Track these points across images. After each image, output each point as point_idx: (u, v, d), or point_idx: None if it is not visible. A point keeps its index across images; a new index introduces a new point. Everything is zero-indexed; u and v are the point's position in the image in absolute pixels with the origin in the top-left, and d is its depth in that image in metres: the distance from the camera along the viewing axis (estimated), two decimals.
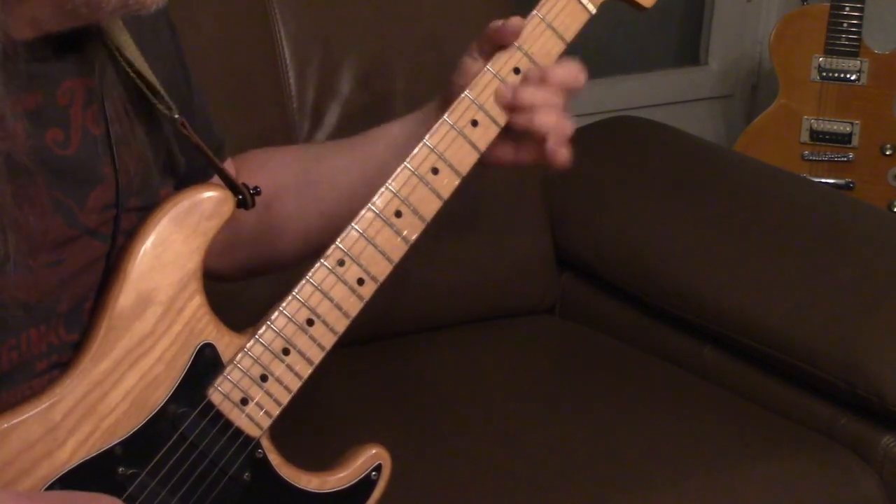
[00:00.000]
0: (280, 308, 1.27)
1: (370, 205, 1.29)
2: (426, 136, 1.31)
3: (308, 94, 2.08)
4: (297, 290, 1.27)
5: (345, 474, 1.32)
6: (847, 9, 2.91)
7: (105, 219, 1.25)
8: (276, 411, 1.27)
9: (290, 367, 1.27)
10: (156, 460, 1.23)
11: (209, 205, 1.26)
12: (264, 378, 1.26)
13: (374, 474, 1.33)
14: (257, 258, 1.49)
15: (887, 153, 2.96)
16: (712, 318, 2.08)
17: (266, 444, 1.28)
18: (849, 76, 2.95)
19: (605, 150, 2.37)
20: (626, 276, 2.22)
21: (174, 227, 1.24)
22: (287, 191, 1.47)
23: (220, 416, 1.25)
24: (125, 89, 1.27)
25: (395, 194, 1.30)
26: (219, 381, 1.25)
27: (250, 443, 1.27)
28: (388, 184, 1.30)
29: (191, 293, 1.24)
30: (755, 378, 2.04)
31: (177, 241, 1.24)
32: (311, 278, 1.27)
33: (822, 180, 2.96)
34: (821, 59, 2.95)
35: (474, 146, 1.33)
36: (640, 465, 1.81)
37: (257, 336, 1.26)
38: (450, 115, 1.32)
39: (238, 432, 1.26)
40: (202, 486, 1.25)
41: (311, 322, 1.27)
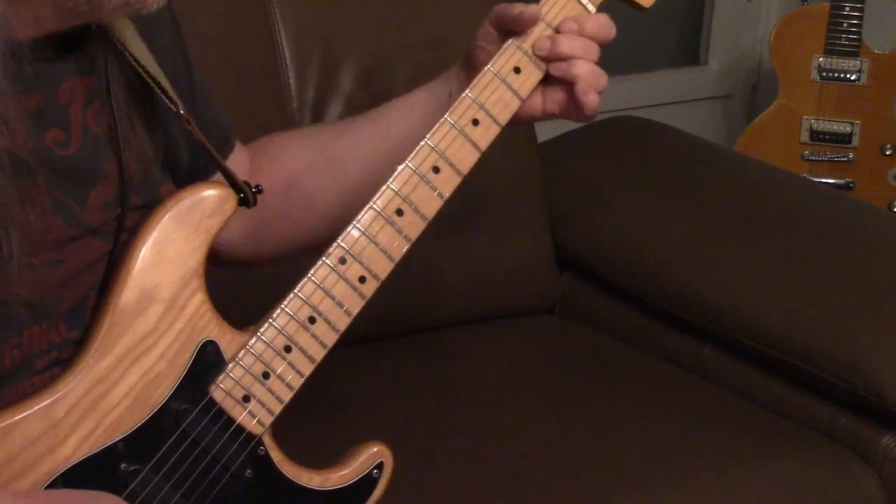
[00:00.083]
0: (282, 306, 1.27)
1: (371, 203, 1.29)
2: (427, 136, 1.31)
3: (308, 93, 2.08)
4: (298, 288, 1.27)
5: (346, 472, 1.32)
6: (847, 9, 2.91)
7: (107, 218, 1.25)
8: (278, 409, 1.27)
9: (291, 364, 1.27)
10: (158, 457, 1.23)
11: (211, 203, 1.26)
12: (266, 375, 1.26)
13: (375, 472, 1.33)
14: (286, 240, 1.48)
15: (887, 153, 2.96)
16: (712, 318, 2.08)
17: (268, 441, 1.28)
18: (849, 76, 2.95)
19: (605, 150, 2.38)
20: (626, 276, 2.22)
21: (176, 224, 1.24)
22: (309, 170, 1.47)
23: (222, 413, 1.25)
24: (128, 85, 1.27)
25: (396, 193, 1.30)
26: (221, 378, 1.25)
27: (252, 440, 1.27)
28: (389, 182, 1.30)
29: (193, 290, 1.24)
30: (755, 378, 2.04)
31: (179, 239, 1.24)
32: (312, 276, 1.27)
33: (822, 180, 2.96)
34: (821, 59, 2.95)
35: (475, 145, 1.33)
36: (640, 465, 1.81)
37: (259, 333, 1.26)
38: (451, 115, 1.32)
39: (240, 429, 1.26)
40: (204, 482, 1.25)
41: (312, 320, 1.27)
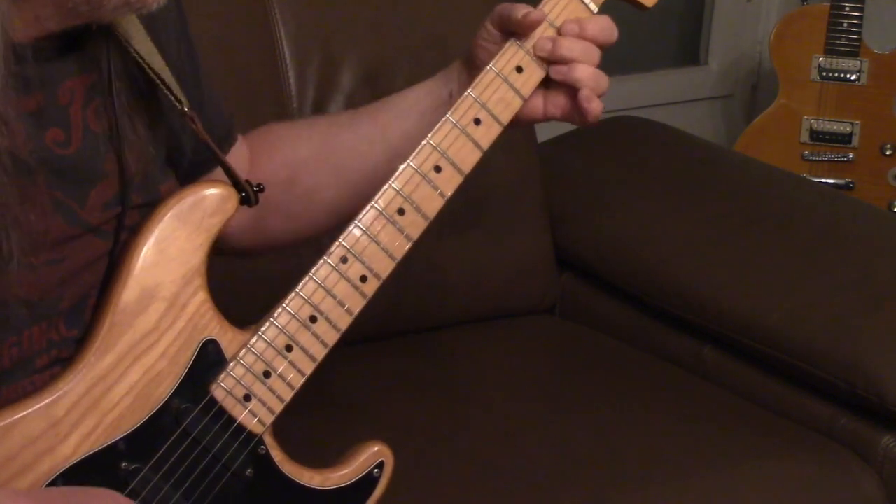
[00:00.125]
0: (283, 305, 1.27)
1: (373, 202, 1.29)
2: (429, 135, 1.31)
3: (308, 93, 2.08)
4: (300, 287, 1.27)
5: (347, 471, 1.32)
6: (847, 9, 2.91)
7: (107, 217, 1.25)
8: (279, 408, 1.27)
9: (293, 363, 1.27)
10: (158, 456, 1.23)
11: (212, 201, 1.26)
12: (267, 374, 1.26)
13: (376, 471, 1.33)
14: (286, 232, 1.48)
15: (887, 153, 2.96)
16: (712, 318, 2.08)
17: (268, 440, 1.28)
18: (849, 76, 2.95)
19: (605, 150, 2.38)
20: (626, 276, 2.22)
21: (177, 223, 1.24)
22: (308, 164, 1.47)
23: (222, 412, 1.25)
24: (131, 82, 1.27)
25: (398, 192, 1.30)
26: (222, 377, 1.25)
27: (253, 439, 1.27)
28: (391, 182, 1.30)
29: (194, 289, 1.24)
30: (755, 378, 2.04)
31: (180, 238, 1.24)
32: (314, 275, 1.27)
33: (822, 180, 2.96)
34: (821, 59, 2.95)
35: (477, 144, 1.33)
36: (640, 464, 1.81)
37: (260, 332, 1.26)
38: (452, 114, 1.32)
39: (241, 428, 1.26)
40: (205, 481, 1.25)
41: (314, 319, 1.27)
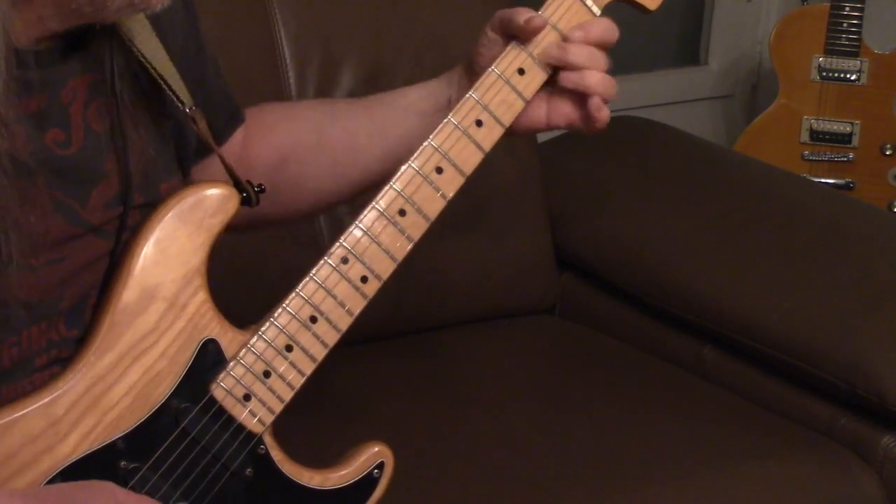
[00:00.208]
0: (284, 305, 1.27)
1: (374, 203, 1.29)
2: (431, 136, 1.31)
3: (308, 94, 2.08)
4: (300, 288, 1.27)
5: (347, 472, 1.32)
6: (847, 9, 2.91)
7: (109, 216, 1.25)
8: (279, 408, 1.27)
9: (293, 363, 1.27)
10: (158, 455, 1.23)
11: (213, 201, 1.26)
12: (267, 374, 1.26)
13: (376, 472, 1.33)
14: (268, 212, 1.46)
15: (887, 153, 2.96)
16: (712, 318, 2.08)
17: (268, 440, 1.28)
18: (849, 76, 2.95)
19: (605, 150, 2.37)
20: (626, 276, 2.22)
21: (178, 223, 1.24)
22: (301, 151, 1.47)
23: (222, 411, 1.25)
24: (133, 81, 1.26)
25: (399, 193, 1.30)
26: (222, 376, 1.25)
27: (252, 439, 1.26)
28: (392, 182, 1.30)
29: (194, 289, 1.24)
30: (755, 378, 2.04)
31: (181, 238, 1.24)
32: (314, 275, 1.27)
33: (822, 180, 2.96)
34: (821, 59, 2.95)
35: (479, 146, 1.33)
36: (640, 464, 1.81)
37: (260, 332, 1.26)
38: (454, 115, 1.32)
39: (240, 428, 1.26)
40: (204, 481, 1.25)
41: (314, 319, 1.27)
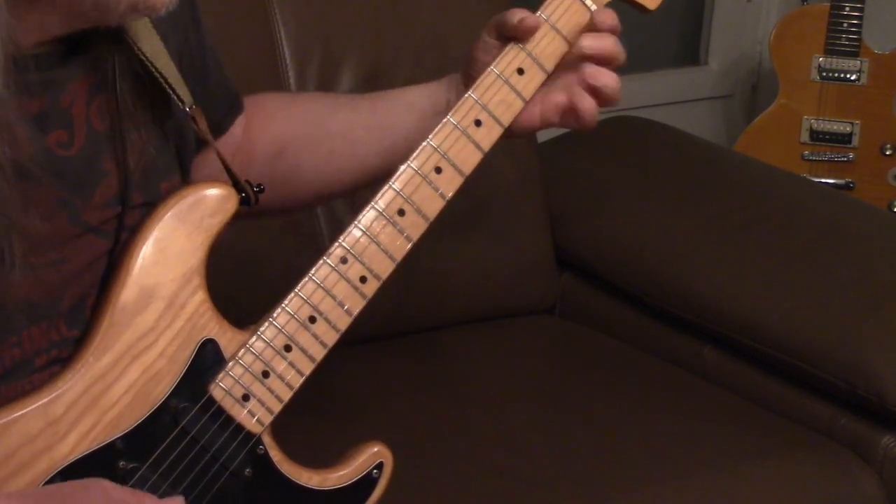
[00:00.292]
0: (283, 305, 1.26)
1: (373, 203, 1.29)
2: (430, 136, 1.31)
3: None
4: (299, 288, 1.27)
5: (346, 472, 1.32)
6: (847, 9, 2.91)
7: (108, 216, 1.25)
8: (278, 408, 1.27)
9: (292, 363, 1.27)
10: (157, 455, 1.23)
11: (212, 201, 1.26)
12: (266, 374, 1.26)
13: (375, 472, 1.33)
14: (270, 201, 1.46)
15: (887, 153, 2.96)
16: (712, 318, 2.08)
17: (267, 440, 1.28)
18: (849, 76, 2.95)
19: (605, 150, 2.37)
20: (626, 276, 2.22)
21: (177, 223, 1.24)
22: (300, 142, 1.47)
23: (221, 411, 1.25)
24: (134, 80, 1.26)
25: (398, 193, 1.30)
26: (220, 376, 1.25)
27: (251, 439, 1.26)
28: (391, 182, 1.30)
29: (193, 289, 1.24)
30: (755, 378, 2.04)
31: (180, 238, 1.24)
32: (313, 275, 1.27)
33: (822, 180, 2.96)
34: (821, 59, 2.94)
35: (478, 146, 1.33)
36: (640, 464, 1.81)
37: (259, 332, 1.26)
38: (454, 115, 1.32)
39: (239, 428, 1.26)
40: (203, 481, 1.25)
41: (313, 319, 1.27)
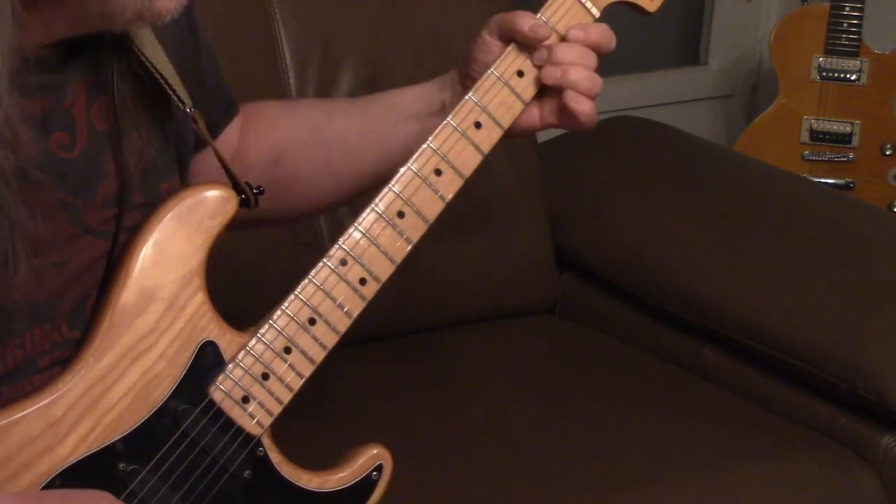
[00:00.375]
0: (282, 307, 1.27)
1: (373, 205, 1.29)
2: (430, 138, 1.31)
3: (308, 94, 2.08)
4: (299, 290, 1.27)
5: (345, 474, 1.32)
6: (847, 9, 2.90)
7: (107, 216, 1.25)
8: (278, 410, 1.27)
9: (291, 365, 1.27)
10: (157, 457, 1.23)
11: (212, 203, 1.26)
12: (266, 376, 1.26)
13: (374, 474, 1.33)
14: (264, 211, 1.46)
15: (887, 153, 2.95)
16: (712, 318, 2.08)
17: (267, 442, 1.28)
18: (849, 76, 2.95)
19: (605, 150, 2.38)
20: (626, 276, 2.22)
21: (177, 224, 1.24)
22: (297, 148, 1.47)
23: (221, 413, 1.25)
24: (135, 82, 1.26)
25: (398, 195, 1.30)
26: (220, 378, 1.25)
27: (251, 441, 1.26)
28: (391, 184, 1.30)
29: (193, 290, 1.24)
30: (755, 378, 2.04)
31: (180, 239, 1.24)
32: (313, 278, 1.27)
33: (822, 180, 2.96)
34: (821, 59, 2.94)
35: (477, 148, 1.33)
36: (640, 464, 1.81)
37: (259, 334, 1.26)
38: (453, 117, 1.32)
39: (239, 430, 1.26)
40: (203, 483, 1.25)
41: (313, 321, 1.27)
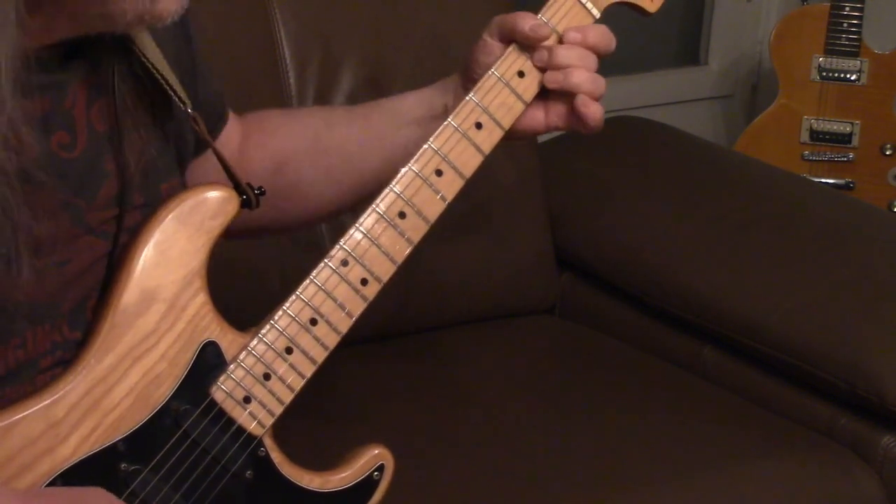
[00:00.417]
0: (284, 307, 1.27)
1: (374, 206, 1.29)
2: (431, 139, 1.31)
3: (308, 94, 2.08)
4: (300, 290, 1.27)
5: (347, 474, 1.32)
6: (847, 9, 2.90)
7: (107, 217, 1.25)
8: (279, 410, 1.27)
9: (293, 366, 1.27)
10: (158, 457, 1.23)
11: (213, 204, 1.26)
12: (267, 377, 1.26)
13: (376, 475, 1.33)
14: (267, 219, 1.47)
15: (887, 153, 2.96)
16: (712, 318, 2.08)
17: (268, 442, 1.28)
18: (849, 76, 2.95)
19: (605, 150, 2.37)
20: (626, 276, 2.22)
21: (178, 225, 1.24)
22: (298, 156, 1.48)
23: (222, 413, 1.25)
24: (135, 82, 1.27)
25: (399, 195, 1.30)
26: (222, 378, 1.25)
27: (252, 441, 1.26)
28: (392, 185, 1.30)
29: (194, 291, 1.24)
30: (755, 378, 2.04)
31: (181, 240, 1.24)
32: (314, 278, 1.27)
33: (822, 180, 2.96)
34: (821, 59, 2.94)
35: (478, 149, 1.33)
36: (640, 464, 1.81)
37: (261, 335, 1.26)
38: (454, 118, 1.32)
39: (240, 430, 1.26)
40: (204, 483, 1.25)
41: (314, 322, 1.27)
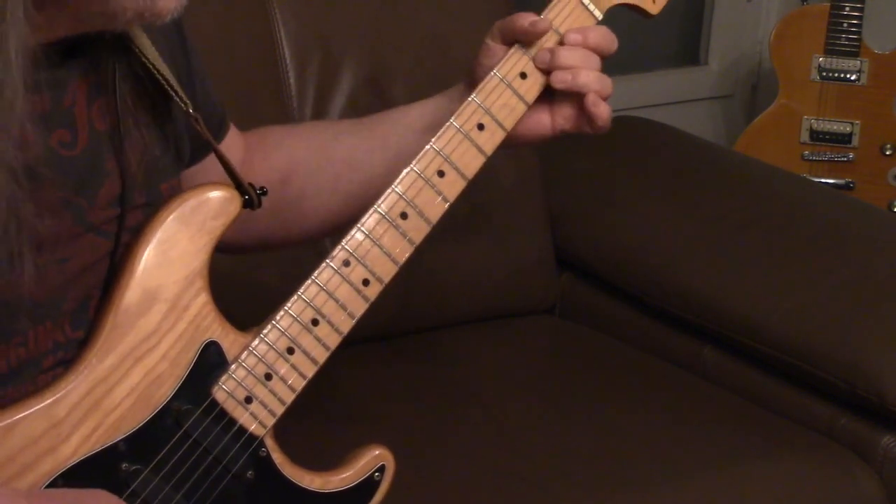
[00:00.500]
0: (285, 307, 1.27)
1: (376, 206, 1.29)
2: (433, 140, 1.31)
3: (308, 94, 2.08)
4: (302, 290, 1.27)
5: (347, 475, 1.32)
6: (847, 9, 2.90)
7: (109, 216, 1.25)
8: (280, 410, 1.27)
9: (294, 366, 1.27)
10: (159, 457, 1.23)
11: (215, 204, 1.26)
12: (269, 377, 1.26)
13: (377, 475, 1.33)
14: (273, 232, 1.48)
15: (887, 153, 2.96)
16: (712, 318, 2.08)
17: (269, 442, 1.28)
18: (849, 76, 2.95)
19: (605, 151, 2.37)
20: (626, 276, 2.22)
21: (180, 225, 1.24)
22: (304, 169, 1.48)
23: (223, 413, 1.25)
24: (135, 82, 1.27)
25: (401, 196, 1.30)
26: (223, 379, 1.25)
27: (254, 441, 1.27)
28: (394, 186, 1.30)
29: (196, 291, 1.24)
30: (755, 378, 2.04)
31: (183, 240, 1.24)
32: (316, 278, 1.27)
33: (822, 180, 2.96)
34: (821, 59, 2.94)
35: (480, 150, 1.33)
36: (639, 465, 1.81)
37: (262, 335, 1.26)
38: (456, 119, 1.32)
39: (241, 430, 1.26)
40: (205, 483, 1.25)
41: (315, 322, 1.27)
